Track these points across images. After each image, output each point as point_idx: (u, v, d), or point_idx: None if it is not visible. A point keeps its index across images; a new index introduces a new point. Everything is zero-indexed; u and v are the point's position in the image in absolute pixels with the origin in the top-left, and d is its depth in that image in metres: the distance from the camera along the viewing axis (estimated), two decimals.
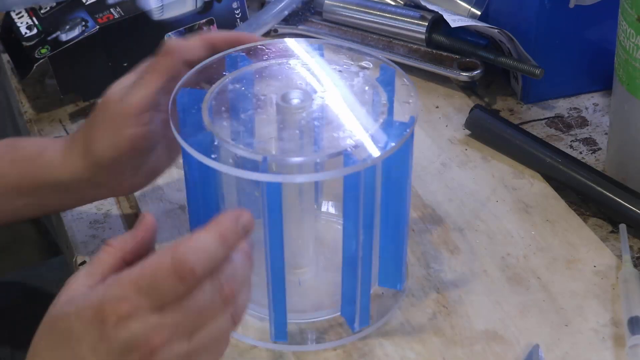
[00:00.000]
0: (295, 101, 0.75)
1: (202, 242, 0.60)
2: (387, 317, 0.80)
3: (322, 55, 0.81)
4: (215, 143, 0.72)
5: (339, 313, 0.79)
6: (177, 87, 0.77)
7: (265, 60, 0.81)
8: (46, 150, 0.83)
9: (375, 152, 0.71)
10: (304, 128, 0.75)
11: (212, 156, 0.71)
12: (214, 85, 0.78)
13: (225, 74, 0.79)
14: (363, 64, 0.80)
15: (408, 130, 0.73)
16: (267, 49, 0.81)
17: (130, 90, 0.78)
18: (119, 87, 0.80)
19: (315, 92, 0.77)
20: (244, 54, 0.80)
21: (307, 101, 0.75)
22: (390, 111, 0.76)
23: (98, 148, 0.79)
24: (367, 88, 0.78)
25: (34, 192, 0.83)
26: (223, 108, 0.77)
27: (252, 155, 0.71)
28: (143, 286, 0.60)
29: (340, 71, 0.79)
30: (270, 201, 0.70)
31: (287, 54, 0.81)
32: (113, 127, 0.79)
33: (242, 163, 0.72)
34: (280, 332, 0.77)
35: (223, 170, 0.71)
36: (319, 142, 0.76)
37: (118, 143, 0.79)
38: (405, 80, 0.78)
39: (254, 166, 0.70)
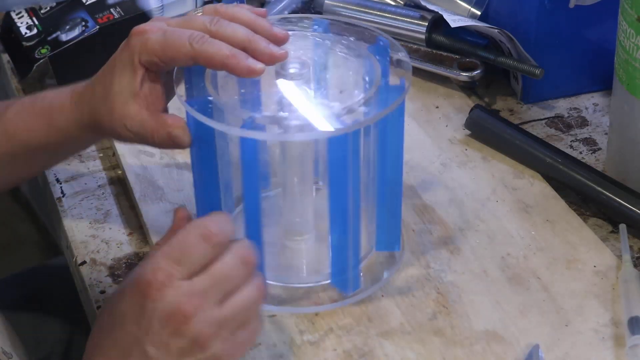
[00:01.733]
0: (292, 70, 0.78)
1: (220, 216, 0.69)
2: (382, 281, 0.83)
3: (317, 28, 0.84)
4: (219, 107, 0.76)
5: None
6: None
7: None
8: (53, 113, 0.84)
9: (359, 117, 0.74)
10: (300, 95, 0.78)
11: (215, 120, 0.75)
12: None
13: None
14: (357, 35, 0.83)
15: (400, 95, 0.76)
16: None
17: (129, 102, 0.79)
18: (120, 91, 0.80)
19: (312, 61, 0.80)
20: None
21: (304, 69, 0.78)
22: (385, 76, 0.78)
23: (105, 129, 0.81)
24: (360, 58, 0.81)
25: (21, 153, 0.85)
26: (224, 76, 0.80)
27: (240, 114, 0.75)
28: (173, 255, 0.66)
29: (334, 42, 0.82)
30: (245, 157, 0.74)
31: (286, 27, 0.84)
32: (118, 125, 0.80)
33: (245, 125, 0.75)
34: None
35: (217, 127, 0.75)
36: (312, 107, 0.78)
37: (122, 133, 0.80)
38: (400, 54, 0.80)
39: (255, 128, 0.74)
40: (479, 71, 1.05)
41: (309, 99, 0.78)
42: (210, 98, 0.77)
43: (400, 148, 0.80)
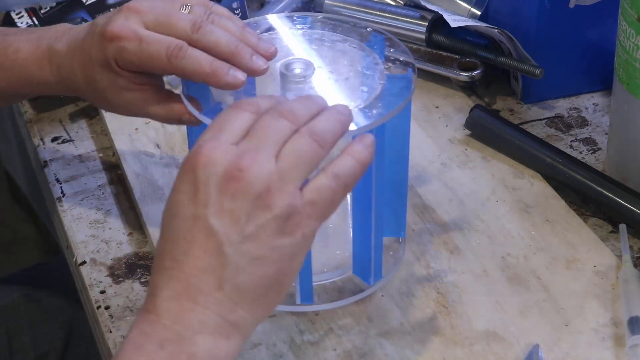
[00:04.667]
0: (297, 70, 0.78)
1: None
2: (394, 271, 0.84)
3: (310, 27, 0.84)
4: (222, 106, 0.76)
5: (349, 273, 0.82)
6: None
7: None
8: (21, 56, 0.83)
9: (383, 111, 0.74)
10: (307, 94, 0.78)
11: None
12: None
13: None
14: (355, 34, 0.83)
15: (412, 88, 0.77)
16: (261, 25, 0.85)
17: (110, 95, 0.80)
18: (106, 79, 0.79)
19: (315, 62, 0.79)
20: None
21: (309, 70, 0.78)
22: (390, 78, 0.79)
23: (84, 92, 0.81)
24: (361, 55, 0.81)
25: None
26: None
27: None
28: (214, 128, 0.65)
29: (337, 41, 0.83)
30: None
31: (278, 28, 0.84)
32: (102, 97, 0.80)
33: None
34: (306, 294, 0.79)
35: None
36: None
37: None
38: (400, 46, 0.81)
39: None
40: (479, 71, 1.05)
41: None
42: (211, 97, 0.77)
43: (407, 137, 0.81)
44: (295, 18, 0.85)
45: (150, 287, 0.64)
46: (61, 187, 0.97)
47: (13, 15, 1.13)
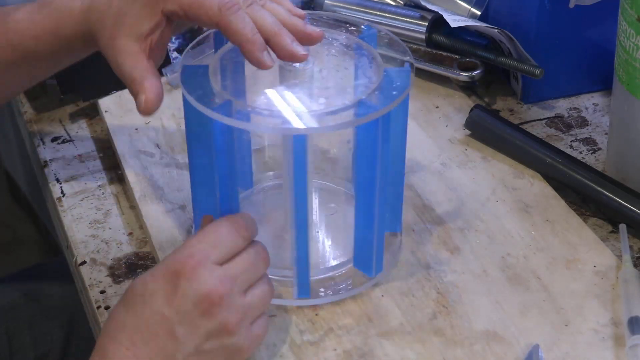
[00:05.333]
0: (296, 65, 0.79)
1: (247, 215, 0.75)
2: (393, 264, 0.84)
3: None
4: (236, 108, 0.76)
5: (349, 266, 0.83)
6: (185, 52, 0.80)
7: None
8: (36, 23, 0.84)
9: (383, 103, 0.75)
10: (307, 88, 0.79)
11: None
12: (218, 52, 0.81)
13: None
14: (348, 30, 0.84)
15: (409, 81, 0.77)
16: None
17: (124, 60, 0.78)
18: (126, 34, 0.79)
19: (313, 57, 0.80)
20: None
21: (307, 64, 0.79)
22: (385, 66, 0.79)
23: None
24: (358, 49, 0.82)
25: (24, 62, 0.86)
26: (227, 71, 0.81)
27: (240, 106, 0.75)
28: (208, 239, 0.71)
29: (335, 38, 0.83)
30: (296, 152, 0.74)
31: None
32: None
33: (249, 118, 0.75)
34: (303, 289, 0.80)
35: (222, 120, 0.74)
36: (325, 99, 0.79)
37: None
38: (394, 38, 0.82)
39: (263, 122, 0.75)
40: (479, 71, 1.05)
41: (311, 95, 0.79)
42: (212, 88, 0.76)
43: (405, 131, 0.81)
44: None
45: (99, 350, 0.70)
46: (61, 187, 0.97)
47: None
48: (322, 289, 0.82)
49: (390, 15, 1.11)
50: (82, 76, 1.06)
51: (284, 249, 0.83)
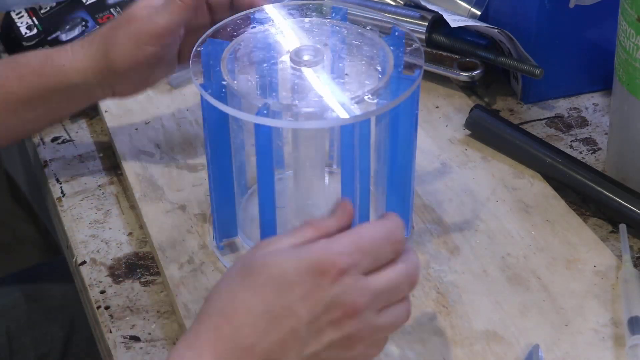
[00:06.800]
0: (306, 57, 0.79)
1: (401, 222, 0.68)
2: None
3: (335, 16, 0.86)
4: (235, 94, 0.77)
5: None
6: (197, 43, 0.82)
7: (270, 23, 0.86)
8: (52, 59, 0.90)
9: (370, 107, 0.75)
10: (313, 82, 0.79)
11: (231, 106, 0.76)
12: (230, 44, 0.82)
13: (245, 31, 0.84)
14: (368, 27, 0.84)
15: (413, 84, 0.77)
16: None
17: (159, 12, 0.86)
18: (146, 5, 0.87)
19: (326, 49, 0.82)
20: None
21: (318, 57, 0.79)
22: (399, 65, 0.79)
23: (117, 57, 0.87)
24: (375, 47, 0.82)
25: (44, 101, 0.90)
26: (241, 63, 0.82)
27: (255, 101, 0.76)
28: (362, 246, 0.65)
29: (351, 31, 0.84)
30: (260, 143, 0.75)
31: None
32: (136, 41, 0.87)
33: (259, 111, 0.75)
34: None
35: (231, 114, 0.76)
36: (324, 94, 0.79)
37: (137, 56, 0.87)
38: (414, 43, 0.81)
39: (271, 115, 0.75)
40: (479, 71, 1.05)
41: (322, 87, 0.79)
42: (224, 82, 0.78)
43: (412, 136, 0.81)
44: (322, 7, 0.88)
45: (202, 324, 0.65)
46: (61, 187, 0.97)
47: (13, 15, 1.13)
48: None
49: (390, 15, 1.11)
50: None
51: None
